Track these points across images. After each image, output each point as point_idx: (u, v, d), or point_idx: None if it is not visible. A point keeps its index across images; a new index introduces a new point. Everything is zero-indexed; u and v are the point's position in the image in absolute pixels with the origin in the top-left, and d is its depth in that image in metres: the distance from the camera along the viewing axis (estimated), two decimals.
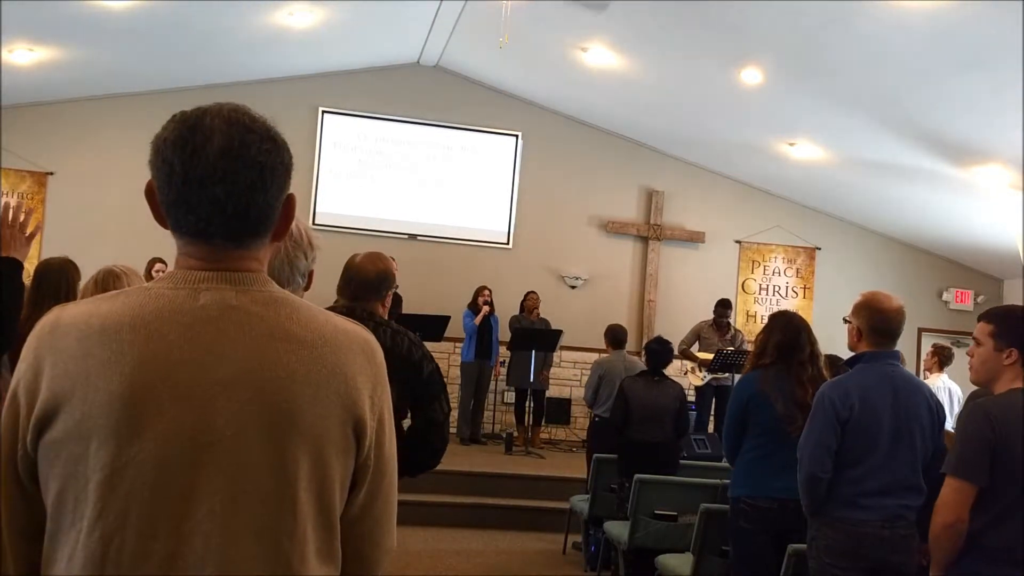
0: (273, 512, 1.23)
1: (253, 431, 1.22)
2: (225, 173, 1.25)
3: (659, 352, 6.38)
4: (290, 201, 1.34)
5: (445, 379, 9.72)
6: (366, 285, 3.19)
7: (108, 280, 3.10)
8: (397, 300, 8.87)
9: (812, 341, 4.11)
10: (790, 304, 11.17)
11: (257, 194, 1.28)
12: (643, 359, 6.77)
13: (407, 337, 3.09)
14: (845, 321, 3.59)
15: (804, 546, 3.52)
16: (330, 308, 2.86)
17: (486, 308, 9.62)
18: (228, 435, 1.21)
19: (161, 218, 1.31)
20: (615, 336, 7.66)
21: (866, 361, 3.46)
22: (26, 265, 2.81)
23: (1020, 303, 3.14)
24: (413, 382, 3.02)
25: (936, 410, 3.49)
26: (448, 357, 10.28)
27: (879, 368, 3.44)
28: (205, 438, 1.21)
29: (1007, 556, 2.69)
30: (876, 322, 3.45)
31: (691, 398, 9.49)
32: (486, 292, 9.71)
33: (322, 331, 1.30)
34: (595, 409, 7.32)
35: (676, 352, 9.11)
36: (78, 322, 1.24)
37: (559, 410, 10.61)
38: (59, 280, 3.48)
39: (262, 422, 1.23)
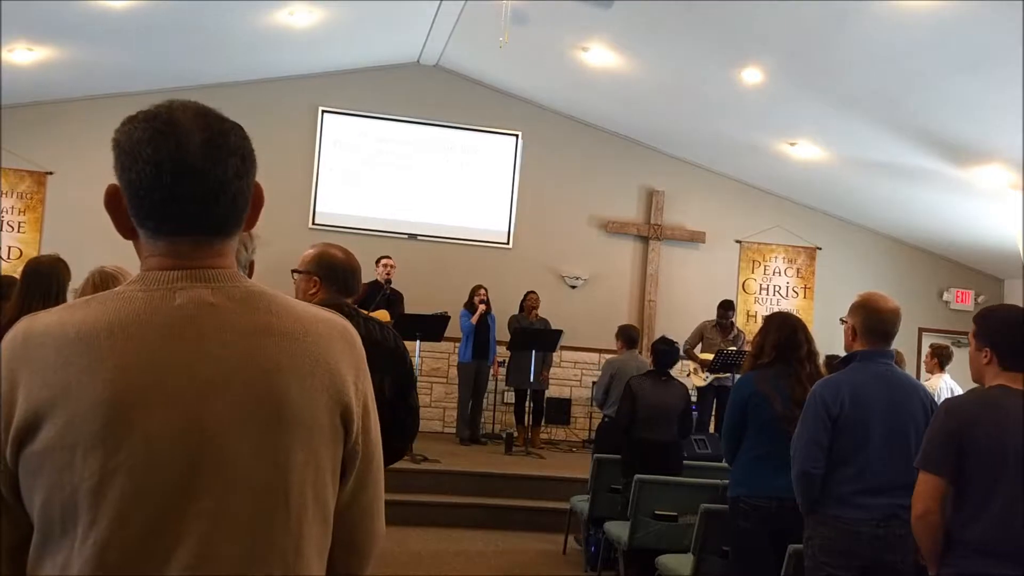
0: (268, 507, 1.22)
1: (243, 427, 1.22)
2: (215, 162, 1.25)
3: (666, 352, 6.39)
4: (259, 191, 1.35)
5: (445, 379, 9.79)
6: (354, 278, 3.22)
7: (107, 282, 3.08)
8: (398, 299, 8.88)
9: (808, 339, 4.13)
10: (790, 304, 11.18)
11: (242, 180, 1.29)
12: (649, 359, 6.77)
13: (389, 329, 3.15)
14: (842, 321, 3.61)
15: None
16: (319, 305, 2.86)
17: (482, 307, 9.59)
18: (218, 433, 1.21)
19: (126, 225, 1.30)
20: (628, 336, 7.65)
21: (859, 360, 3.48)
22: (20, 265, 2.80)
23: (1020, 303, 3.16)
24: (398, 371, 3.10)
25: (931, 409, 3.49)
26: (448, 357, 10.28)
27: (873, 367, 3.46)
28: (195, 437, 1.20)
29: (987, 549, 2.72)
30: (871, 322, 3.47)
31: (692, 398, 9.51)
32: (482, 291, 9.69)
33: (302, 321, 1.30)
34: (605, 409, 7.31)
35: (681, 352, 9.14)
36: (53, 331, 1.22)
37: (559, 410, 10.61)
38: (49, 280, 3.42)
39: (252, 418, 1.22)
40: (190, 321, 1.24)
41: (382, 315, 8.32)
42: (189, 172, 1.24)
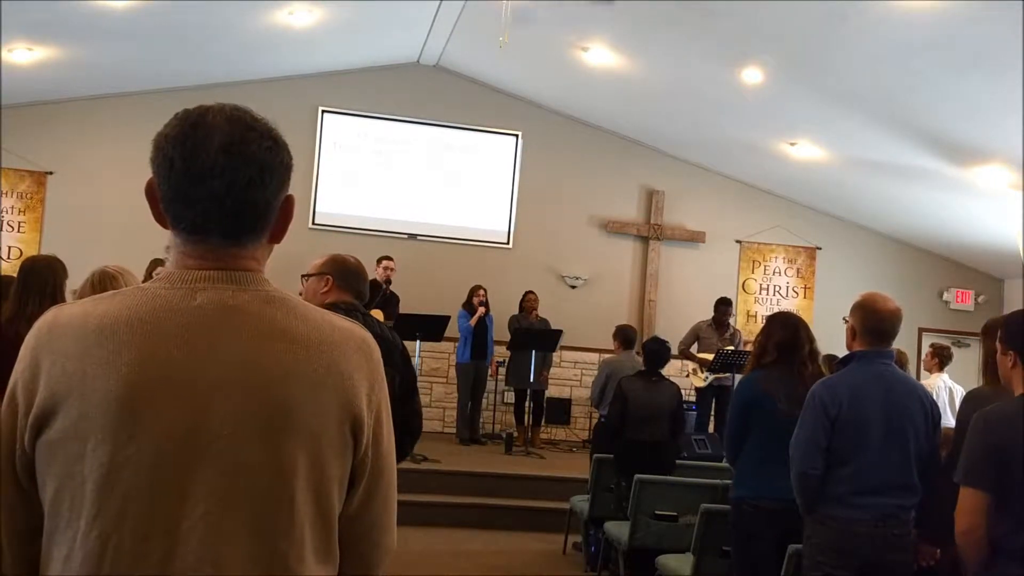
0: (270, 512, 1.23)
1: (249, 431, 1.22)
2: (224, 168, 1.26)
3: (658, 352, 6.37)
4: (289, 202, 1.35)
5: (445, 379, 9.81)
6: (365, 284, 3.31)
7: (105, 282, 3.10)
8: (395, 300, 8.87)
9: (810, 339, 4.12)
10: (790, 304, 11.18)
11: (256, 191, 1.28)
12: (641, 359, 6.77)
13: (393, 330, 3.25)
14: (845, 321, 3.61)
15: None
16: (330, 306, 2.91)
17: (482, 309, 9.57)
18: (224, 435, 1.21)
19: (161, 217, 1.32)
20: (625, 336, 7.65)
21: (858, 360, 3.48)
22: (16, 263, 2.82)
23: (1020, 303, 3.15)
24: (405, 371, 3.17)
25: (930, 410, 3.50)
26: (448, 357, 10.28)
27: (872, 367, 3.46)
28: (201, 438, 1.20)
29: None
30: (871, 322, 3.47)
31: (692, 398, 9.51)
32: (481, 292, 9.66)
33: (319, 330, 1.30)
34: (601, 409, 7.30)
35: (676, 352, 9.13)
36: (75, 322, 1.24)
37: (559, 410, 10.60)
38: (45, 278, 3.46)
39: (258, 421, 1.23)
40: (207, 322, 1.24)
41: (375, 315, 8.32)
42: (198, 175, 1.25)
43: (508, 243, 10.85)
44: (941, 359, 7.71)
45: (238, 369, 1.23)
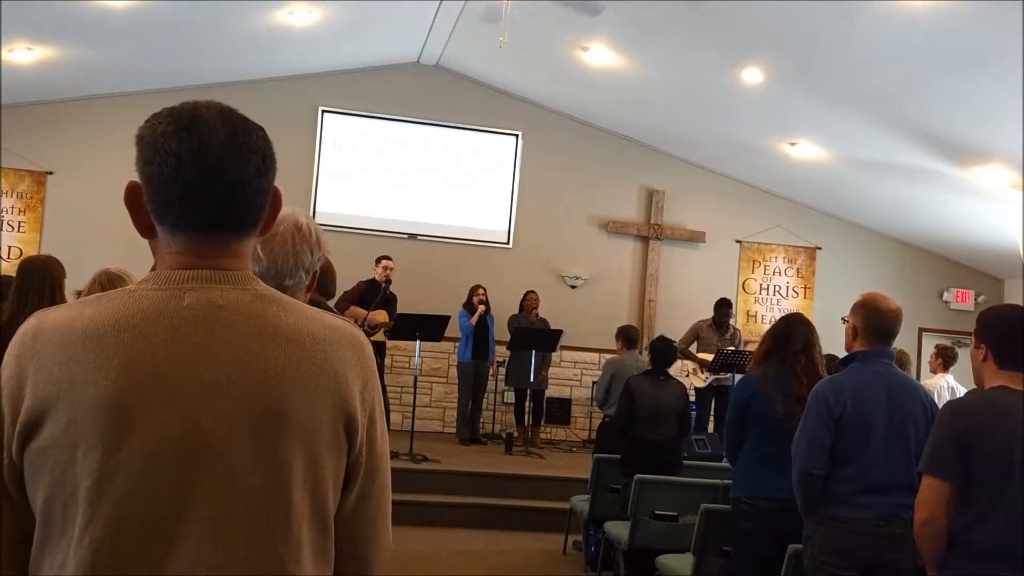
0: (266, 513, 1.21)
1: (243, 432, 1.21)
2: (234, 160, 1.25)
3: (664, 351, 6.38)
4: (276, 193, 1.34)
5: (445, 379, 9.82)
6: (333, 282, 3.33)
7: (116, 283, 3.11)
8: (393, 300, 8.87)
9: (807, 334, 4.12)
10: (790, 304, 11.18)
11: (263, 179, 1.29)
12: (647, 358, 6.77)
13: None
14: (844, 321, 3.61)
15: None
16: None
17: (481, 308, 9.58)
18: (218, 437, 1.19)
19: (145, 223, 1.29)
20: (628, 336, 7.66)
21: (860, 360, 3.48)
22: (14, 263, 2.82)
23: (1020, 303, 3.15)
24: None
25: (930, 409, 3.50)
26: (448, 357, 10.28)
27: (873, 367, 3.46)
28: (195, 440, 1.19)
29: (991, 553, 2.71)
30: (872, 322, 3.47)
31: (692, 398, 9.51)
32: (481, 291, 9.66)
33: (310, 328, 1.28)
34: (606, 409, 7.31)
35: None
36: (61, 327, 1.22)
37: (559, 410, 10.61)
38: (43, 278, 3.47)
39: (252, 422, 1.21)
40: (197, 322, 1.23)
41: (380, 315, 8.33)
42: (210, 168, 1.24)
43: (508, 243, 10.85)
44: (945, 360, 7.73)
45: (230, 369, 1.21)
